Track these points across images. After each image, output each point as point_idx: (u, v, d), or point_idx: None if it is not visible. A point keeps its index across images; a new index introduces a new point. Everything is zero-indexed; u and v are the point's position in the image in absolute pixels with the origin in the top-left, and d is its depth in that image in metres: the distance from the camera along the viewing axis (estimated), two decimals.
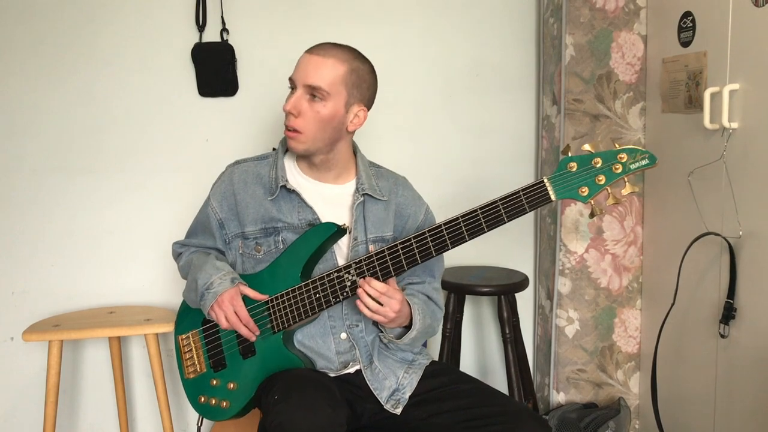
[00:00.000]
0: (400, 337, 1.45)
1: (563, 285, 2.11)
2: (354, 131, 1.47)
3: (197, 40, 2.03)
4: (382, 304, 1.33)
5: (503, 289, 1.97)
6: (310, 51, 1.41)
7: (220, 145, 2.10)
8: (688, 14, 1.80)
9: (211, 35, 2.04)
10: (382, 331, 1.50)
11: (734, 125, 1.63)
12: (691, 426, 1.87)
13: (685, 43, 1.82)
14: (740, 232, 1.63)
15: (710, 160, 1.71)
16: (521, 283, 1.99)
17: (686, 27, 1.81)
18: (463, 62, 2.22)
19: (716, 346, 1.74)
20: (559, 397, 2.15)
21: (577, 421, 2.00)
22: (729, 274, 1.66)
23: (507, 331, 2.00)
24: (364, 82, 1.43)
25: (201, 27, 2.03)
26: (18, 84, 1.98)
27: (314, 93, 1.38)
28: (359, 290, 1.34)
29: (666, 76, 1.91)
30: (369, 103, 1.47)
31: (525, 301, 2.32)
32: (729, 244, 1.65)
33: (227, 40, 2.05)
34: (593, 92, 2.04)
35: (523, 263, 2.33)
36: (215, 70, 2.04)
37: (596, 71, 2.04)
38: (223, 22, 2.04)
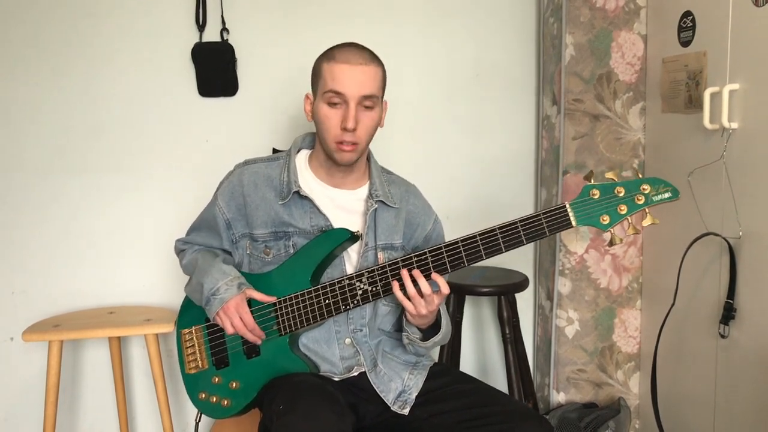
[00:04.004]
0: (423, 339, 1.44)
1: (563, 285, 2.11)
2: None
3: (197, 40, 2.03)
4: (422, 296, 1.31)
5: (503, 289, 1.96)
6: (349, 62, 1.36)
7: (220, 145, 2.10)
8: (688, 14, 1.80)
9: (211, 35, 2.04)
10: (387, 336, 1.51)
11: (734, 125, 1.63)
12: (691, 426, 1.87)
13: (685, 43, 1.82)
14: (740, 233, 1.63)
15: (710, 160, 1.70)
16: (521, 283, 1.99)
17: (686, 27, 1.81)
18: (463, 62, 2.22)
19: (716, 346, 1.74)
20: (559, 397, 2.15)
21: (577, 421, 2.00)
22: (729, 274, 1.66)
23: (507, 332, 2.00)
24: (386, 78, 1.45)
25: (201, 27, 2.03)
26: (17, 84, 1.98)
27: (367, 103, 1.37)
28: (404, 272, 1.31)
29: (666, 76, 1.91)
30: None
31: (525, 302, 2.32)
32: (729, 245, 1.65)
33: (227, 39, 2.05)
34: (593, 92, 2.04)
35: (523, 263, 2.32)
36: (215, 70, 2.04)
37: (596, 71, 2.04)
38: (223, 22, 2.04)
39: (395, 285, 1.33)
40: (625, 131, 2.06)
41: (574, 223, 1.27)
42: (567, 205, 1.27)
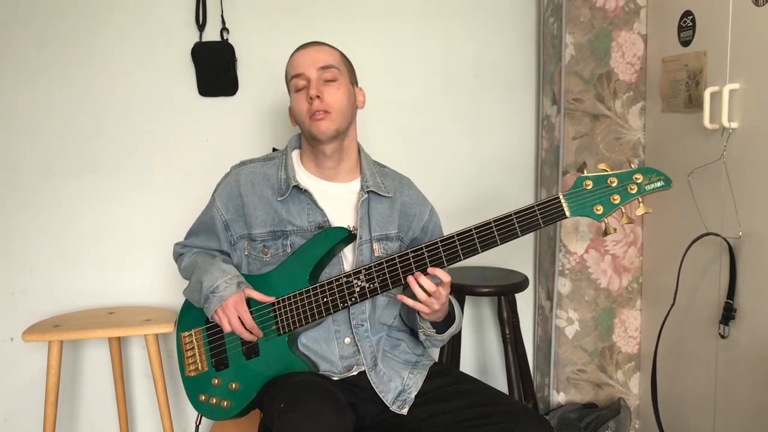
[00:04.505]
0: (438, 332, 1.46)
1: (563, 285, 2.11)
2: (357, 111, 1.53)
3: (197, 40, 2.03)
4: (430, 294, 1.32)
5: (503, 289, 1.96)
6: (302, 48, 1.48)
7: (220, 145, 2.10)
8: (688, 13, 1.80)
9: (211, 35, 2.04)
10: (387, 333, 1.52)
11: (734, 125, 1.63)
12: (691, 426, 1.87)
13: (685, 43, 1.82)
14: (740, 233, 1.62)
15: (710, 160, 1.70)
16: (521, 283, 1.99)
17: (686, 26, 1.81)
18: (463, 62, 2.22)
19: (716, 347, 1.74)
20: (559, 398, 2.15)
21: (577, 422, 2.00)
22: (729, 274, 1.66)
23: (507, 332, 2.00)
24: (352, 66, 1.52)
25: (201, 26, 2.03)
26: (18, 84, 1.98)
27: (327, 75, 1.43)
28: (410, 279, 1.31)
29: (666, 76, 1.91)
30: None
31: (525, 302, 2.32)
32: (729, 245, 1.65)
33: (227, 39, 2.05)
34: (593, 92, 2.04)
35: (523, 263, 2.32)
36: (215, 69, 2.04)
37: (596, 71, 2.04)
38: (223, 22, 2.04)
39: (403, 297, 1.34)
40: (625, 131, 2.06)
41: (568, 213, 1.27)
42: (561, 197, 1.28)
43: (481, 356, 2.38)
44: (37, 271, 2.04)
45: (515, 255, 2.31)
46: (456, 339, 2.09)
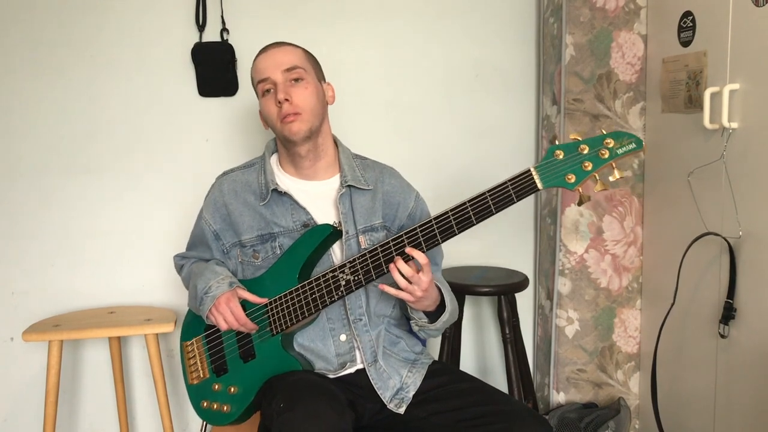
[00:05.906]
0: (431, 321, 1.45)
1: (563, 285, 2.11)
2: (328, 107, 1.53)
3: (197, 40, 2.03)
4: (411, 282, 1.32)
5: (503, 289, 1.97)
6: (264, 51, 1.47)
7: (220, 145, 2.10)
8: (688, 14, 1.80)
9: (211, 35, 2.04)
10: (386, 326, 1.51)
11: (734, 125, 1.63)
12: (691, 426, 1.87)
13: (685, 43, 1.82)
14: (740, 232, 1.63)
15: (710, 160, 1.70)
16: (521, 283, 1.99)
17: (686, 27, 1.81)
18: (463, 62, 2.22)
19: (716, 346, 1.74)
20: (559, 397, 2.15)
21: (577, 421, 2.00)
22: (729, 274, 1.66)
23: (507, 331, 2.00)
24: (317, 62, 1.52)
25: (201, 27, 2.03)
26: (17, 83, 1.98)
27: (293, 76, 1.43)
28: (391, 266, 1.31)
29: (666, 76, 1.91)
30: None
31: (525, 302, 2.32)
32: (729, 244, 1.65)
33: (227, 39, 2.05)
34: (593, 92, 2.04)
35: (523, 263, 2.32)
36: (215, 70, 2.04)
37: (596, 71, 2.04)
38: (223, 22, 2.04)
39: (384, 287, 1.34)
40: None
41: (540, 185, 1.26)
42: (532, 169, 1.26)
43: (481, 356, 2.38)
44: (37, 271, 2.04)
45: (515, 255, 2.31)
46: (456, 338, 2.09)
